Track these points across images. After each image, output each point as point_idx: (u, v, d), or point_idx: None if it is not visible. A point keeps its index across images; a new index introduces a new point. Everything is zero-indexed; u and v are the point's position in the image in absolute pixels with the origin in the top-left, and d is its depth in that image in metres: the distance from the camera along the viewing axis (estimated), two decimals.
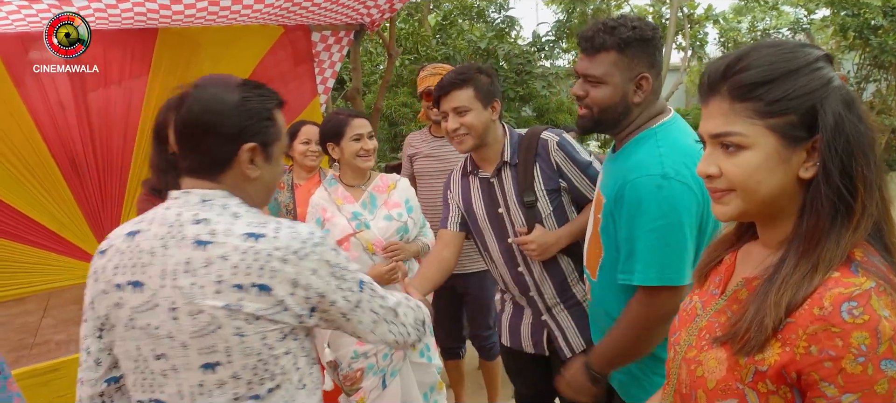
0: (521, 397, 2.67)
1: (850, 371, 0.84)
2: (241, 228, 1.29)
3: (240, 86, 1.35)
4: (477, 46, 7.94)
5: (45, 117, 4.24)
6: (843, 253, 0.91)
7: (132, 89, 4.48)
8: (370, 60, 8.84)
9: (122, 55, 4.37)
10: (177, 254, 1.28)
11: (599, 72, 1.76)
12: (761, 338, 0.91)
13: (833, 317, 0.85)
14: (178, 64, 4.55)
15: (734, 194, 0.99)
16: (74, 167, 4.47)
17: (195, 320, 1.27)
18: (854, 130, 0.90)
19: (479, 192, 2.33)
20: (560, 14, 10.47)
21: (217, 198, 1.34)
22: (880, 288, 0.86)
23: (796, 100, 0.92)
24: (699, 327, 1.09)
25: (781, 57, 0.95)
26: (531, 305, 2.35)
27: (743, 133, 0.96)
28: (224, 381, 1.29)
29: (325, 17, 4.71)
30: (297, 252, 1.28)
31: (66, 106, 4.29)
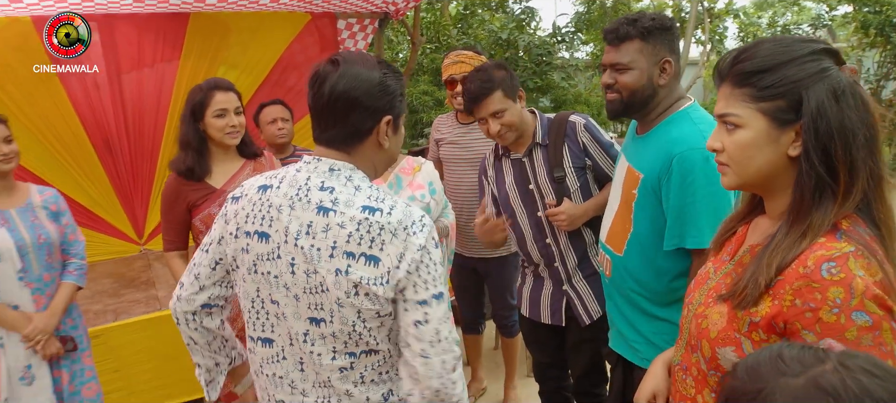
0: (538, 365, 2.83)
1: (826, 321, 0.98)
2: (361, 200, 1.40)
3: (378, 65, 1.47)
4: (498, 37, 8.01)
5: (82, 98, 4.39)
6: (830, 223, 1.04)
7: (164, 72, 4.62)
8: (391, 48, 8.94)
9: (155, 39, 4.51)
10: (301, 216, 1.42)
11: (626, 59, 1.92)
12: (755, 294, 1.05)
13: (814, 275, 0.99)
14: (208, 48, 4.68)
15: (729, 167, 1.15)
16: (108, 147, 4.63)
17: (309, 278, 1.40)
18: (838, 117, 1.02)
19: (511, 172, 2.51)
20: (579, 6, 10.52)
21: (344, 169, 1.45)
22: (858, 252, 0.99)
23: (784, 86, 1.05)
24: (709, 288, 1.22)
25: (778, 49, 1.08)
26: (553, 276, 2.51)
27: (738, 114, 1.10)
28: (325, 335, 1.43)
29: (351, 4, 4.82)
30: (407, 228, 1.38)
31: (101, 87, 4.44)
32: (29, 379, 2.44)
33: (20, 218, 2.48)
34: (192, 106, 2.47)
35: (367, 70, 1.43)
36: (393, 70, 1.50)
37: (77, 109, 4.40)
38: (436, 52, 7.99)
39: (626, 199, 1.97)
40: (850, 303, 0.96)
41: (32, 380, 2.44)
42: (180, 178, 2.49)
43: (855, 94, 1.04)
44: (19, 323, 2.41)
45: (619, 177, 2.04)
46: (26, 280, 2.45)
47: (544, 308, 2.55)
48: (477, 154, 3.08)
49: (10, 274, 2.41)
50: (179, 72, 4.63)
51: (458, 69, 3.08)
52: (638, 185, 1.92)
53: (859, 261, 0.98)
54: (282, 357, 1.52)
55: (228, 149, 2.56)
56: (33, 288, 2.47)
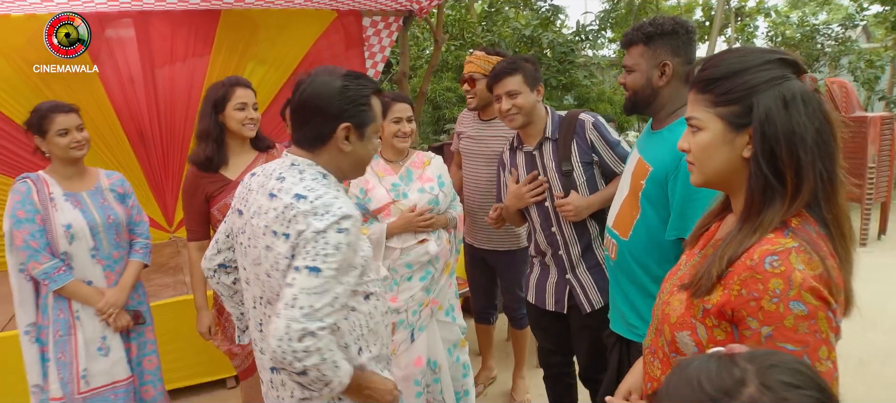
0: (542, 351, 2.95)
1: (767, 309, 1.06)
2: (297, 189, 1.56)
3: (343, 76, 1.62)
4: (522, 34, 8.07)
5: (118, 90, 4.59)
6: (780, 221, 1.11)
7: (195, 67, 4.80)
8: (416, 45, 9.05)
9: (188, 35, 4.68)
10: (259, 198, 1.65)
11: (631, 62, 2.11)
12: (709, 284, 1.14)
13: (758, 267, 1.07)
14: (237, 43, 4.85)
15: (695, 166, 1.24)
16: (141, 138, 4.82)
17: (256, 250, 1.64)
18: (785, 123, 1.10)
19: (522, 163, 2.68)
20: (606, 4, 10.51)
21: (301, 165, 1.63)
22: (801, 247, 1.06)
23: (738, 93, 1.14)
24: (678, 277, 1.32)
25: (737, 60, 1.16)
26: (558, 264, 2.64)
27: (700, 117, 1.21)
28: (268, 302, 1.68)
29: (377, 2, 4.94)
30: (316, 213, 1.52)
31: (136, 80, 4.64)
32: (105, 350, 2.60)
33: (91, 200, 2.61)
34: (213, 100, 2.63)
35: (330, 79, 1.61)
36: (360, 81, 1.64)
37: (113, 103, 4.61)
38: (460, 49, 8.08)
39: (634, 188, 2.08)
40: (788, 294, 1.04)
41: (108, 351, 2.60)
42: (198, 171, 2.65)
43: (807, 102, 1.11)
44: (93, 297, 2.56)
45: (630, 167, 2.15)
46: (98, 257, 2.59)
47: (549, 295, 2.67)
48: (493, 150, 3.19)
49: (84, 252, 2.55)
50: (210, 67, 4.81)
51: (467, 68, 3.23)
52: (647, 176, 2.03)
53: (801, 256, 1.06)
54: (252, 319, 1.79)
55: (244, 141, 2.72)
56: (104, 265, 2.62)
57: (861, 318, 1.18)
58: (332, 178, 1.66)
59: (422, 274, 2.72)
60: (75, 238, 2.52)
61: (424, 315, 2.74)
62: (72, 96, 4.35)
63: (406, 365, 2.74)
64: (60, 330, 2.53)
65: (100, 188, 2.67)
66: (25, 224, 2.45)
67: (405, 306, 2.70)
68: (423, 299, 2.72)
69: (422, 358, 2.75)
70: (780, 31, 10.84)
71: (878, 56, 10.01)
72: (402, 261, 2.69)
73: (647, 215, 2.03)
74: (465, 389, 2.94)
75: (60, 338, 2.52)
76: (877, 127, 6.37)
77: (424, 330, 2.76)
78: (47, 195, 2.51)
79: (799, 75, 1.14)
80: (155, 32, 4.59)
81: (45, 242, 2.48)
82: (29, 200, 2.47)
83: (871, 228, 6.64)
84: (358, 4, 4.96)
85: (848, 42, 9.93)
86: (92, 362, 2.55)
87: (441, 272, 2.79)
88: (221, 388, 3.73)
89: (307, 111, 1.62)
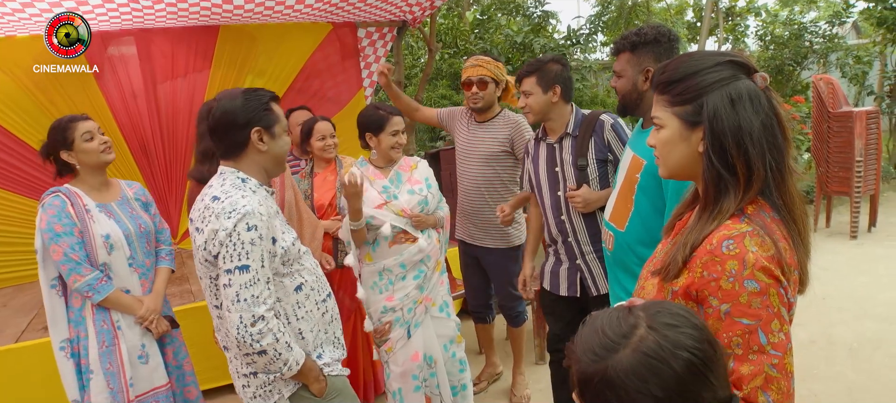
0: (552, 336, 3.11)
1: (725, 288, 1.16)
2: (216, 192, 1.88)
3: (243, 93, 1.95)
4: (513, 40, 8.20)
5: (120, 105, 4.71)
6: (736, 208, 1.22)
7: (196, 81, 4.92)
8: (411, 54, 9.18)
9: (188, 50, 4.81)
10: (198, 205, 1.94)
11: (618, 68, 2.33)
12: (675, 269, 1.25)
13: (716, 250, 1.18)
14: (236, 58, 4.97)
15: (660, 160, 1.36)
16: (144, 151, 4.94)
17: (195, 250, 1.94)
18: (732, 120, 1.21)
19: (543, 154, 2.88)
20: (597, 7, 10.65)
21: (226, 172, 1.95)
22: (754, 232, 1.17)
23: (690, 94, 1.26)
24: (653, 263, 1.43)
25: (689, 63, 1.28)
26: (568, 251, 2.82)
27: (660, 116, 1.32)
28: (205, 289, 1.99)
29: (371, 14, 5.07)
30: (226, 214, 1.81)
31: (138, 95, 4.76)
32: (145, 357, 2.61)
33: (121, 210, 2.62)
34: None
35: (230, 100, 1.93)
36: (257, 92, 1.97)
37: (116, 117, 4.72)
38: (454, 57, 8.21)
39: (629, 182, 2.23)
40: (742, 273, 1.14)
41: (148, 358, 2.62)
42: (201, 186, 2.76)
43: (754, 99, 1.23)
44: (134, 305, 2.58)
45: (625, 163, 2.31)
46: (134, 266, 2.62)
47: (562, 280, 2.85)
48: (483, 151, 3.34)
49: (122, 261, 2.57)
50: (210, 81, 4.93)
51: (473, 72, 3.35)
52: (641, 170, 2.18)
53: (754, 239, 1.17)
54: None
55: None
56: (140, 273, 2.64)
57: (853, 307, 1.28)
58: (251, 181, 1.95)
59: (415, 272, 2.85)
60: (114, 248, 2.53)
61: (419, 311, 2.87)
62: (76, 110, 4.47)
63: (404, 361, 2.86)
64: (106, 341, 2.53)
65: (126, 197, 2.70)
66: (64, 237, 2.43)
67: (401, 304, 2.84)
68: (417, 297, 2.84)
69: (418, 354, 2.87)
70: (769, 31, 10.98)
71: (867, 52, 10.15)
72: (396, 262, 2.80)
73: (642, 207, 2.17)
74: (462, 383, 3.05)
75: (106, 349, 2.52)
76: (862, 121, 6.50)
77: (420, 326, 2.88)
78: (82, 207, 2.50)
79: (750, 75, 1.25)
80: (156, 49, 4.71)
81: (85, 254, 2.47)
82: (65, 213, 2.45)
83: (861, 221, 6.76)
84: (353, 16, 5.08)
85: (835, 39, 10.07)
86: (135, 370, 2.57)
87: (433, 270, 2.93)
88: (231, 393, 3.83)
89: (221, 128, 1.92)
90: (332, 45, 5.29)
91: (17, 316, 3.80)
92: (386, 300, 2.86)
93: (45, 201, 2.48)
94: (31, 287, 4.44)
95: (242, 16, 4.60)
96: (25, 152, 4.42)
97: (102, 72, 4.56)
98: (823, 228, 7.14)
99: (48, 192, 2.51)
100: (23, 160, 4.43)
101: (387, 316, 2.86)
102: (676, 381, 0.94)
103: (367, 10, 4.86)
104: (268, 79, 5.06)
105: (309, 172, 3.46)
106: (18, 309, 3.99)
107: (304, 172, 3.47)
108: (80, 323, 2.53)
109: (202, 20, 4.57)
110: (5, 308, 4.04)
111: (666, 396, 0.93)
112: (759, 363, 1.14)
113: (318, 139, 3.36)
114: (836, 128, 6.69)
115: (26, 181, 4.47)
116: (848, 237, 6.67)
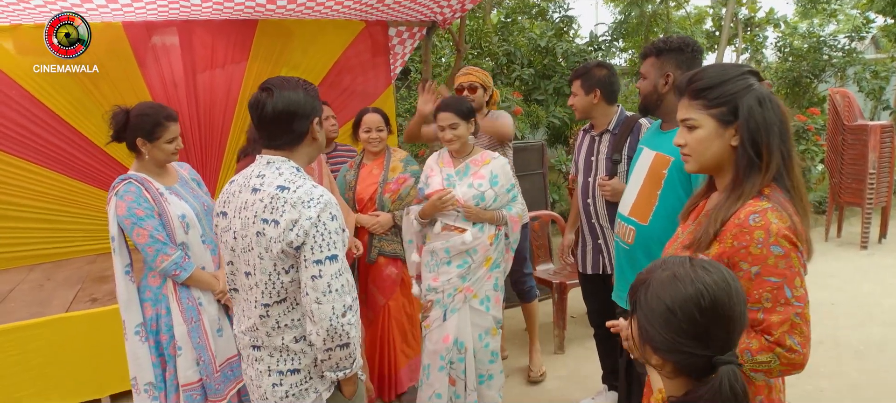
0: (590, 313, 3.54)
1: (754, 253, 1.43)
2: (278, 182, 1.85)
3: (299, 83, 1.94)
4: (537, 44, 8.37)
5: (161, 93, 4.91)
6: (757, 190, 1.49)
7: (233, 73, 5.12)
8: (434, 53, 9.35)
9: (227, 43, 5.01)
10: (243, 196, 1.91)
11: (644, 70, 2.57)
12: (707, 240, 1.51)
13: (744, 223, 1.45)
14: (272, 52, 5.17)
15: (691, 157, 1.60)
16: (182, 140, 5.12)
17: (244, 241, 1.89)
18: (761, 117, 1.48)
19: (586, 143, 3.32)
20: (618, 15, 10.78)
21: (276, 161, 1.92)
22: (774, 207, 1.44)
23: (725, 97, 1.52)
24: (678, 243, 1.67)
25: (720, 72, 1.55)
26: (592, 231, 3.25)
27: (696, 118, 1.56)
28: (251, 286, 1.92)
29: (403, 14, 5.25)
30: (304, 202, 1.80)
31: (179, 84, 4.96)
32: (221, 330, 2.74)
33: (184, 190, 2.72)
34: None
35: (293, 91, 1.90)
36: (309, 85, 1.97)
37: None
38: (477, 58, 8.39)
39: (653, 178, 2.44)
40: (768, 240, 1.41)
41: (222, 330, 2.74)
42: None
43: (772, 101, 1.51)
44: (212, 282, 2.69)
45: (644, 162, 2.51)
46: (206, 242, 2.73)
47: (589, 262, 3.26)
48: (482, 144, 3.69)
49: (197, 239, 2.68)
50: (246, 73, 5.13)
51: (465, 79, 3.86)
52: (668, 167, 2.39)
53: (774, 213, 1.43)
54: (238, 303, 2.06)
55: None
56: (211, 249, 2.75)
57: (859, 312, 1.49)
58: (302, 172, 1.94)
59: (459, 261, 3.03)
60: (190, 227, 2.64)
61: (458, 299, 3.05)
62: (120, 100, 4.68)
63: (435, 341, 3.06)
64: (193, 318, 2.64)
65: (183, 179, 2.81)
66: (147, 220, 2.52)
67: (442, 287, 3.04)
68: (458, 285, 3.03)
69: (449, 337, 3.06)
70: (788, 42, 11.07)
71: (885, 67, 10.23)
72: (442, 247, 3.00)
73: (668, 202, 2.36)
74: (490, 373, 3.21)
75: (195, 325, 2.64)
76: (877, 135, 6.63)
77: (456, 312, 3.06)
78: (156, 191, 2.60)
79: (760, 82, 1.52)
80: (197, 41, 4.91)
81: (166, 235, 2.56)
82: (143, 197, 2.53)
83: (872, 232, 6.89)
84: (385, 15, 5.27)
85: (854, 53, 10.17)
86: (215, 344, 2.69)
87: (480, 264, 3.07)
88: None
89: (284, 119, 1.89)
90: (364, 42, 5.47)
91: (62, 289, 4.02)
92: (432, 279, 3.11)
93: (119, 188, 2.57)
94: (68, 263, 4.68)
95: (277, 11, 4.80)
96: (65, 131, 4.61)
97: (145, 59, 4.76)
98: (834, 238, 7.27)
99: (119, 179, 2.61)
100: (62, 138, 4.63)
101: (430, 294, 3.11)
102: (683, 301, 1.17)
103: (399, 9, 5.05)
104: (302, 73, 5.25)
105: (357, 163, 3.60)
106: (62, 282, 4.21)
107: (354, 163, 3.62)
108: (160, 301, 2.65)
109: (242, 15, 4.77)
110: (49, 281, 4.25)
111: (670, 309, 1.18)
112: (786, 312, 1.40)
113: (364, 131, 3.51)
114: (851, 141, 6.81)
115: (65, 160, 4.67)
116: (858, 247, 6.80)
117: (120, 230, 2.59)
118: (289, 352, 1.95)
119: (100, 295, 3.79)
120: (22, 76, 4.39)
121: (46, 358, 3.45)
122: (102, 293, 3.84)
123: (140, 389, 2.66)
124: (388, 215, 3.50)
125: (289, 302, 1.91)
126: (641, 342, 1.24)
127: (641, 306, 1.23)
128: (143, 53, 4.75)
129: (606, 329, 3.36)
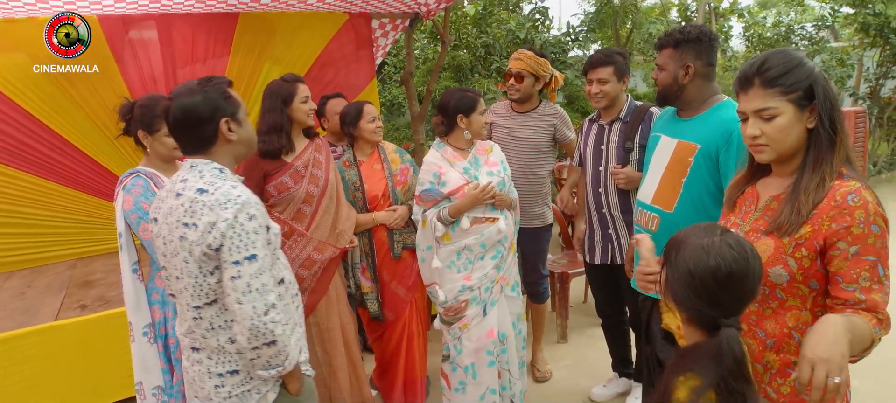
0: (598, 303, 3.51)
1: (855, 233, 1.47)
2: (198, 184, 1.85)
3: (199, 85, 1.90)
4: (515, 35, 8.35)
5: (140, 89, 4.73)
6: (837, 170, 1.54)
7: (214, 67, 4.97)
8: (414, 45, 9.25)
9: (208, 36, 4.86)
10: (168, 201, 1.91)
11: (661, 61, 2.55)
12: (798, 222, 1.53)
13: (843, 204, 1.48)
14: (255, 45, 5.04)
15: (768, 146, 1.60)
16: None
17: (171, 245, 1.89)
18: (831, 96, 1.54)
19: (595, 132, 3.27)
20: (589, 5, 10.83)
21: (199, 164, 1.91)
22: (864, 186, 1.50)
23: (800, 82, 1.54)
24: (744, 231, 1.65)
25: (787, 58, 1.57)
26: (602, 221, 3.19)
27: (776, 107, 1.56)
28: (182, 290, 1.92)
29: (386, 5, 5.17)
30: (221, 205, 1.79)
31: (158, 79, 4.79)
32: None
33: None
34: (282, 96, 2.86)
35: (190, 97, 1.88)
36: (212, 84, 1.92)
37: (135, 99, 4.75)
38: (455, 49, 8.33)
39: (678, 166, 2.44)
40: (868, 220, 1.46)
41: None
42: (261, 158, 2.92)
43: (828, 80, 1.55)
44: None
45: (665, 150, 2.48)
46: None
47: (598, 251, 3.23)
48: (524, 140, 3.52)
49: None
50: (228, 67, 4.99)
51: (514, 65, 3.58)
52: (694, 154, 2.40)
53: (867, 192, 1.48)
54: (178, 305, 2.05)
55: (300, 130, 3.04)
56: None
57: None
58: (227, 172, 1.94)
59: (493, 252, 2.98)
60: None
61: (495, 291, 3.00)
62: (95, 94, 4.51)
63: (478, 338, 2.99)
64: None
65: None
66: None
67: (479, 283, 2.97)
68: (494, 276, 2.98)
69: (493, 330, 3.01)
70: (755, 32, 11.27)
71: (848, 54, 10.50)
72: (477, 241, 2.92)
73: (694, 189, 2.35)
74: (522, 360, 3.23)
75: None
76: (851, 121, 6.80)
77: (495, 304, 3.01)
78: (163, 186, 2.49)
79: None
80: (177, 35, 4.76)
81: None
82: (151, 192, 2.46)
83: None
84: (368, 7, 5.18)
85: (821, 42, 10.40)
86: None
87: (508, 250, 3.06)
88: None
89: (186, 125, 1.89)
90: (348, 34, 5.38)
91: (46, 296, 3.85)
92: (464, 279, 2.99)
93: (126, 182, 2.50)
94: (47, 268, 4.50)
95: (260, 4, 4.67)
96: (39, 130, 4.41)
97: (123, 55, 4.59)
98: None
99: (127, 174, 2.54)
100: (36, 139, 4.42)
101: (464, 294, 2.99)
102: (703, 270, 1.37)
103: (383, 1, 4.96)
104: (285, 67, 5.13)
105: (353, 161, 3.45)
106: (44, 289, 4.03)
107: (348, 161, 3.46)
108: (167, 304, 2.56)
109: (222, 8, 4.63)
110: (30, 288, 4.08)
111: (691, 272, 1.39)
112: (884, 290, 1.45)
113: (369, 121, 3.39)
114: None
115: (41, 162, 4.48)
116: None
117: (127, 226, 2.49)
118: (225, 353, 1.96)
119: (89, 302, 3.64)
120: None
121: (39, 369, 3.30)
122: (90, 298, 3.69)
123: (146, 394, 2.56)
124: (405, 207, 3.40)
125: (220, 304, 1.92)
126: (667, 288, 1.48)
127: (671, 263, 1.45)
128: (120, 49, 4.58)
129: (614, 318, 3.47)
